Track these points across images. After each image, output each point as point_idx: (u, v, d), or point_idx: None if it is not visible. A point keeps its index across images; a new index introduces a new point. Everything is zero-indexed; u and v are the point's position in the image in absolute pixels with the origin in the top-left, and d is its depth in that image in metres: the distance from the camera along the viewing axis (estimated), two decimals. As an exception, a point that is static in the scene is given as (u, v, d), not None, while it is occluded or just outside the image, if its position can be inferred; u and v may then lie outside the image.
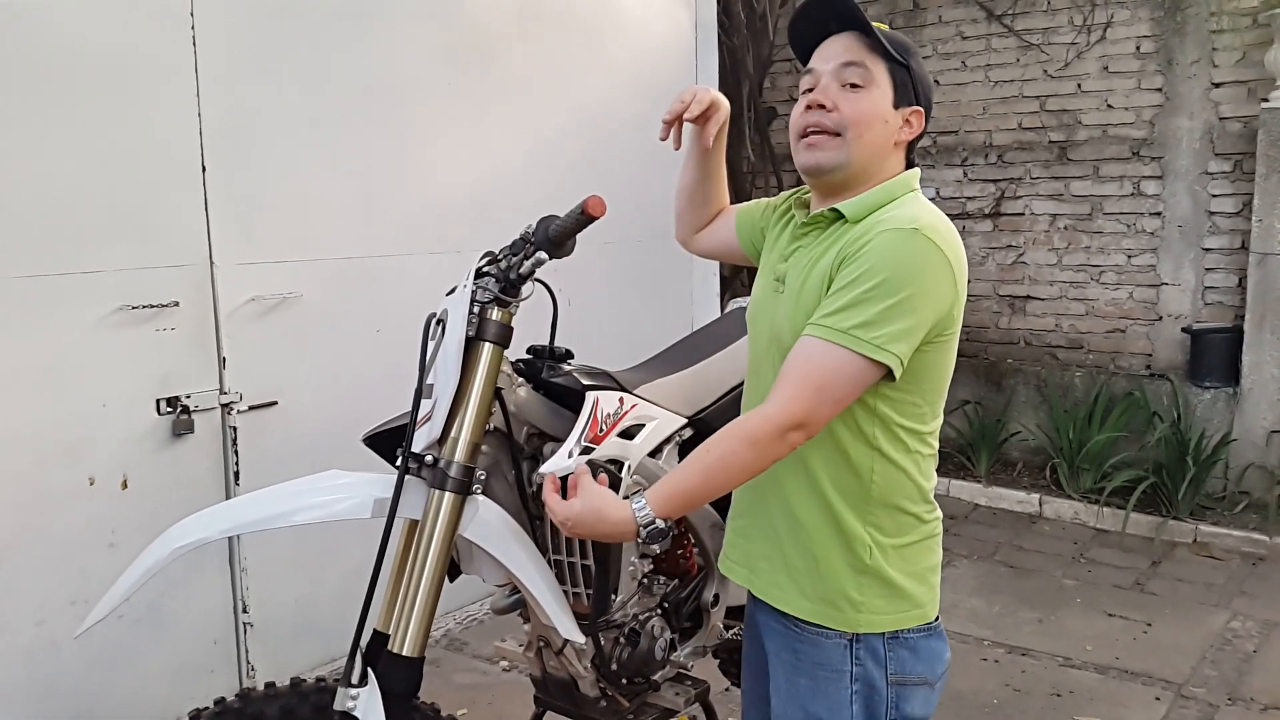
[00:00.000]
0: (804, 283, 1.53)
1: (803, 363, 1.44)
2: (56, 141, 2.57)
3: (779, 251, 1.66)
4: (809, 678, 1.57)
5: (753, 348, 1.69)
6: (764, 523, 1.62)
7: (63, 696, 2.66)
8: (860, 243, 1.46)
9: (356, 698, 1.71)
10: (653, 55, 4.35)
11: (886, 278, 1.42)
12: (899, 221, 1.46)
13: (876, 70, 1.54)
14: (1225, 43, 5.08)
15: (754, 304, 1.70)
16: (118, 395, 2.73)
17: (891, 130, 1.55)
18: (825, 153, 1.54)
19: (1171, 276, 5.33)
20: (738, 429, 1.44)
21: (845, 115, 1.52)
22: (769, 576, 1.61)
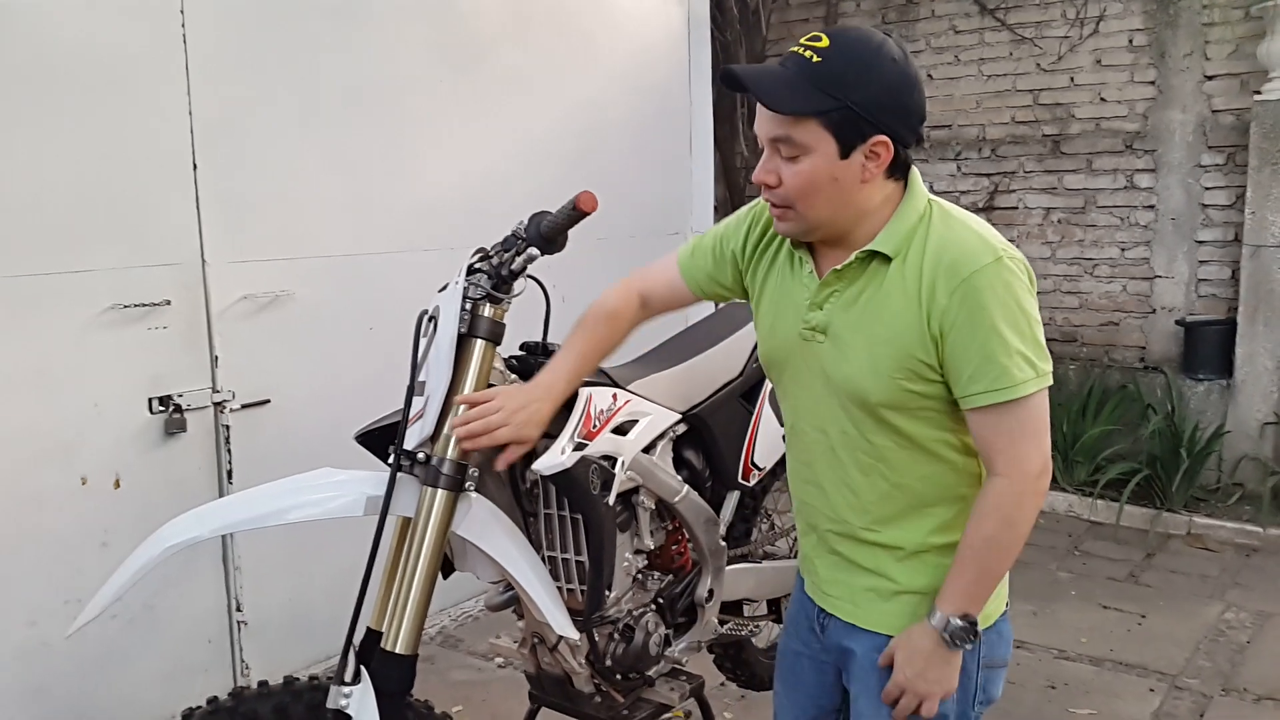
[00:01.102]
0: (871, 335, 1.49)
1: (1007, 429, 1.45)
2: (47, 140, 2.55)
3: (801, 293, 1.58)
4: None
5: (795, 397, 1.64)
6: (859, 555, 1.61)
7: (55, 696, 2.66)
8: (954, 293, 1.42)
9: (350, 696, 1.71)
10: (645, 52, 4.34)
11: (1010, 310, 1.42)
12: (974, 255, 1.44)
13: (806, 135, 1.42)
14: (1218, 35, 5.08)
15: (779, 350, 1.64)
16: (110, 394, 2.72)
17: (848, 180, 1.45)
18: (789, 224, 1.52)
19: (1165, 269, 5.34)
20: (993, 512, 1.47)
21: (788, 190, 1.47)
22: (877, 607, 1.60)
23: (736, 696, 3.10)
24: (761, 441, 2.45)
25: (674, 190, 4.51)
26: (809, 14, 6.35)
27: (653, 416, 2.12)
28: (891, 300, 1.48)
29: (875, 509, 1.57)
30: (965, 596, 1.50)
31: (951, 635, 1.48)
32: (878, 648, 1.59)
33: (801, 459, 1.66)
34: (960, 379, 1.45)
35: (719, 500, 2.42)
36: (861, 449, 1.55)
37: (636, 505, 2.15)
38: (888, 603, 1.60)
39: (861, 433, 1.54)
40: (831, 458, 1.59)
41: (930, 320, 1.44)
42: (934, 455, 1.54)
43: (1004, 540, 1.48)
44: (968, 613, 1.49)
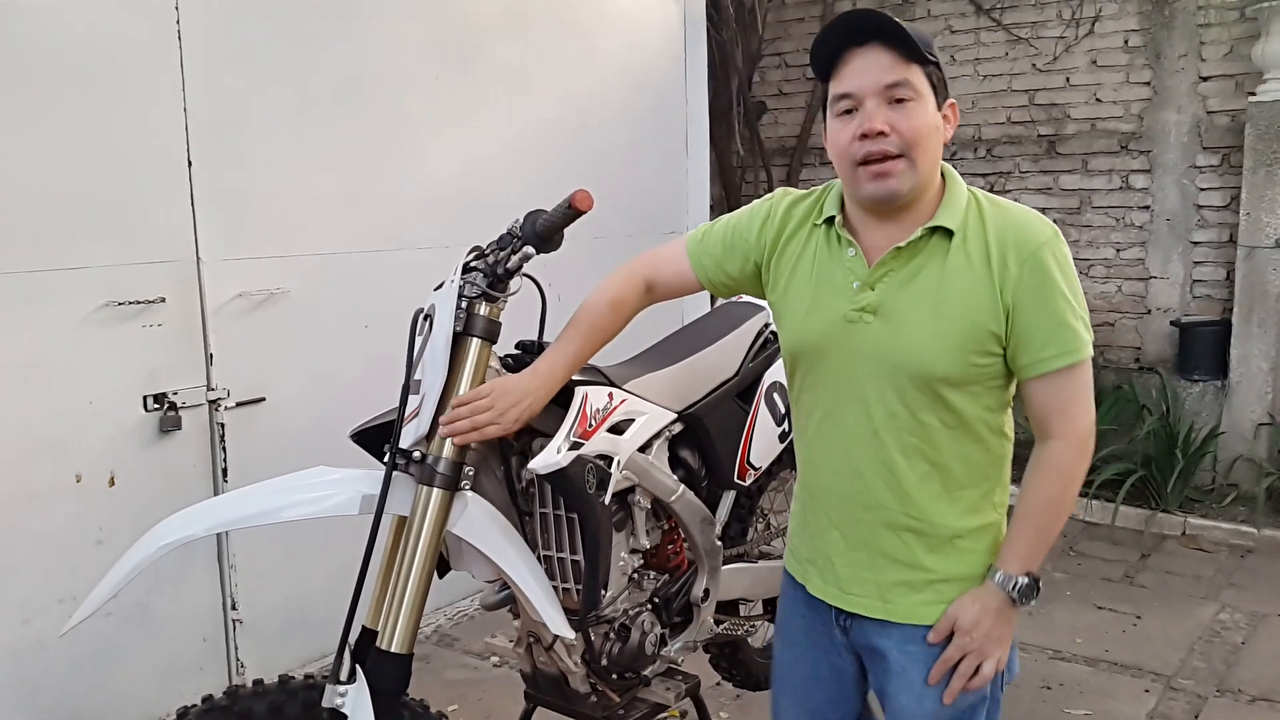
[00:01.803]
0: (937, 307, 1.52)
1: (1071, 392, 1.53)
2: (41, 137, 2.54)
3: (845, 278, 1.59)
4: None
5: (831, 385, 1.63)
6: (891, 550, 1.62)
7: (50, 695, 2.65)
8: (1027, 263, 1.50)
9: (345, 695, 1.70)
10: (641, 49, 4.34)
11: (1066, 288, 1.51)
12: (1035, 230, 1.52)
13: (918, 80, 1.50)
14: (1213, 36, 5.09)
15: (813, 339, 1.63)
16: (104, 392, 2.71)
17: (941, 134, 1.54)
18: (897, 179, 1.50)
19: (1160, 270, 5.35)
20: (1055, 476, 1.55)
21: (905, 136, 1.48)
22: (907, 599, 1.62)
23: (732, 696, 3.10)
24: (758, 441, 2.45)
25: (670, 189, 4.51)
26: (805, 13, 6.35)
27: (649, 416, 2.12)
28: (959, 276, 1.52)
29: (914, 491, 1.59)
30: (1028, 555, 1.57)
31: (1020, 592, 1.55)
32: (911, 639, 1.61)
33: (838, 446, 1.64)
34: (1033, 345, 1.51)
35: (715, 500, 2.41)
36: (907, 429, 1.57)
37: (632, 504, 2.14)
38: (920, 593, 1.61)
39: (911, 412, 1.56)
40: (873, 441, 1.59)
41: (1004, 292, 1.50)
42: (975, 435, 1.58)
43: (1063, 499, 1.56)
44: (1030, 570, 1.56)
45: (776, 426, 2.51)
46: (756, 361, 2.50)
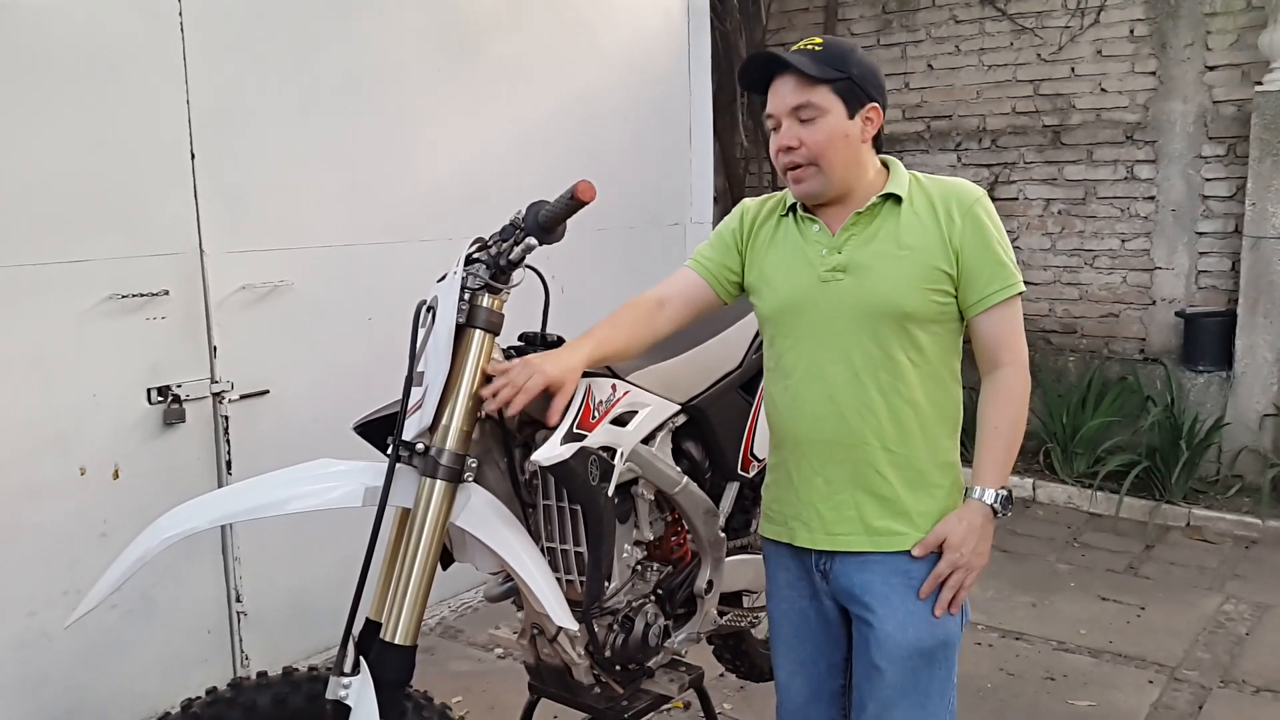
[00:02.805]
0: (898, 255, 1.78)
1: (1013, 323, 1.80)
2: (44, 130, 2.54)
3: (815, 249, 1.84)
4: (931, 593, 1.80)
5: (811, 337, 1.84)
6: (873, 486, 1.82)
7: (55, 687, 2.66)
8: (967, 214, 1.79)
9: (349, 686, 1.70)
10: (644, 41, 4.32)
11: (998, 235, 1.81)
12: (966, 191, 1.83)
13: (822, 99, 1.76)
14: (1219, 26, 5.06)
15: (792, 301, 1.85)
16: (108, 385, 2.71)
17: (855, 138, 1.80)
18: (811, 183, 1.80)
19: (1165, 260, 5.33)
20: (1011, 396, 1.80)
21: (811, 148, 1.77)
22: (888, 530, 1.82)
23: (736, 687, 3.11)
24: (761, 432, 2.44)
25: (673, 180, 4.51)
26: (809, 3, 6.34)
27: (652, 407, 2.12)
28: (911, 229, 1.80)
29: (890, 426, 1.80)
30: (1000, 471, 1.78)
31: (1000, 503, 1.77)
32: (895, 571, 1.81)
33: (821, 395, 1.83)
34: (978, 282, 1.78)
35: (718, 491, 2.41)
36: (883, 368, 1.79)
37: (636, 496, 2.14)
38: (899, 525, 1.81)
39: (885, 352, 1.79)
40: (854, 383, 1.81)
41: (951, 238, 1.78)
42: (938, 376, 1.83)
43: (1020, 417, 1.80)
44: (1004, 485, 1.78)
45: (780, 417, 2.50)
46: (759, 353, 2.49)
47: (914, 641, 1.78)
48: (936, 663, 1.81)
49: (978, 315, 1.79)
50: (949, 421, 1.85)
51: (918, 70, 5.91)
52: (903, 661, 1.79)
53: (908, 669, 1.79)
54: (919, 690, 1.80)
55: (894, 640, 1.79)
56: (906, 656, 1.79)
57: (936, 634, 1.79)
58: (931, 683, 1.81)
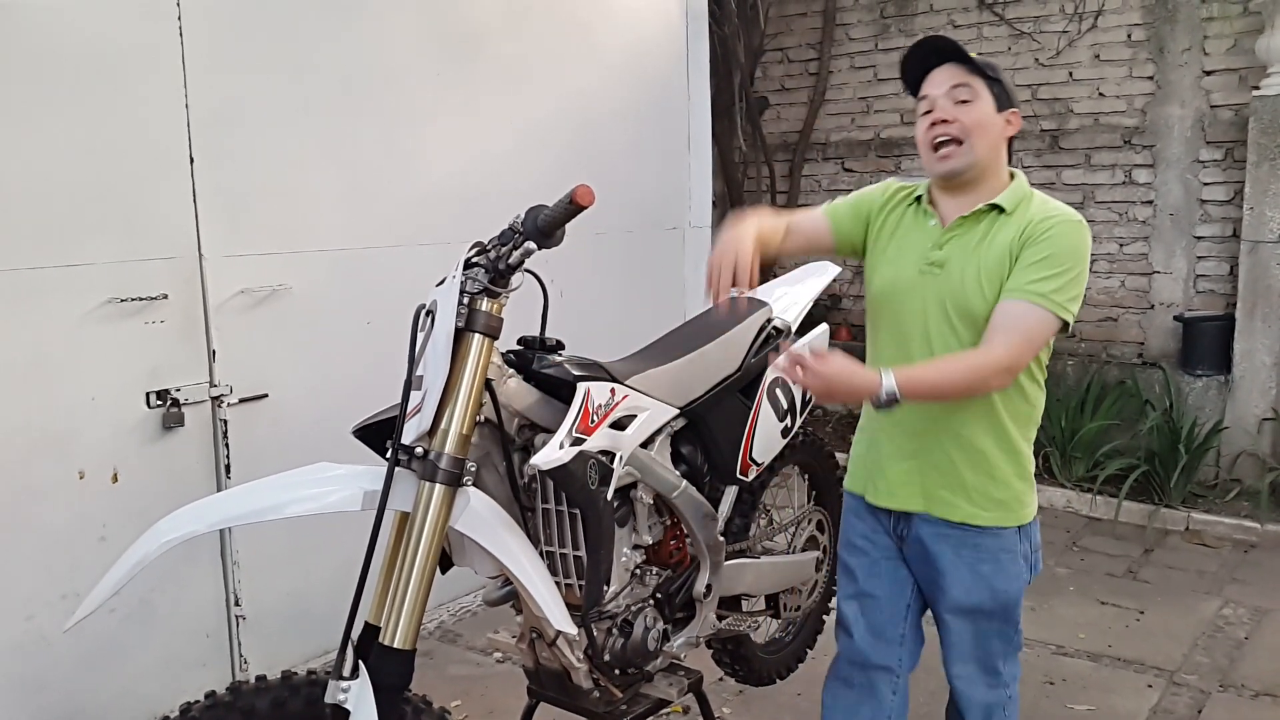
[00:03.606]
0: (980, 262, 1.96)
1: (1014, 320, 1.90)
2: (43, 134, 2.54)
3: (925, 241, 2.04)
4: (993, 564, 2.05)
5: (905, 319, 2.05)
6: (937, 459, 2.04)
7: (53, 691, 2.66)
8: (1042, 228, 1.92)
9: (347, 690, 1.70)
10: (643, 44, 4.33)
11: (1068, 257, 1.91)
12: (1066, 214, 1.95)
13: (978, 87, 1.97)
14: (1216, 30, 5.08)
15: (896, 285, 2.07)
16: (107, 388, 2.71)
17: (1000, 129, 1.99)
18: (956, 160, 1.97)
19: (1163, 265, 5.34)
20: (972, 360, 1.91)
21: (965, 124, 1.95)
22: (946, 499, 2.04)
23: (735, 691, 3.10)
24: (760, 437, 2.45)
25: (672, 184, 4.51)
26: (807, 7, 6.35)
27: (651, 411, 2.12)
28: (999, 241, 1.96)
29: (961, 411, 1.99)
30: (912, 379, 1.87)
31: (887, 395, 1.84)
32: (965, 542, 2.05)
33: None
34: (1011, 279, 1.92)
35: (717, 495, 2.42)
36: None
37: (634, 500, 2.15)
38: (955, 496, 2.04)
39: (961, 341, 1.98)
40: None
41: (1019, 244, 1.93)
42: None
43: (960, 381, 1.91)
44: (902, 389, 1.84)
45: (779, 422, 2.51)
46: (759, 357, 2.49)
47: (976, 604, 2.07)
48: (995, 617, 2.09)
49: (999, 302, 1.93)
50: (1019, 415, 2.03)
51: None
52: (966, 617, 2.09)
53: (968, 621, 2.09)
54: (983, 640, 2.11)
55: (960, 602, 2.08)
56: (969, 614, 2.08)
57: (997, 599, 2.07)
58: (993, 632, 2.10)
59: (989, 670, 2.14)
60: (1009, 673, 2.17)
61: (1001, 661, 2.14)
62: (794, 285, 2.80)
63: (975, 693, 2.14)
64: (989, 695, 2.15)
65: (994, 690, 2.15)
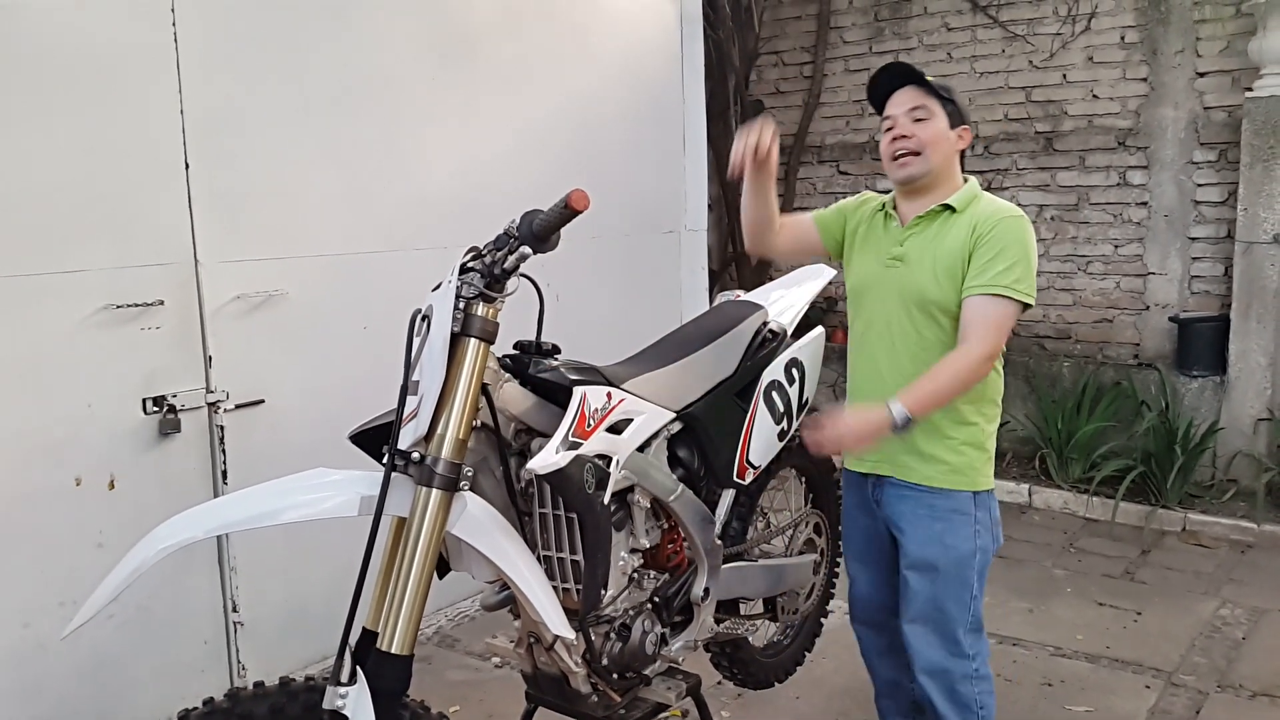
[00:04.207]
0: (935, 254, 2.24)
1: (985, 314, 2.17)
2: (38, 139, 2.54)
3: (888, 240, 2.34)
4: (944, 522, 2.31)
5: (870, 310, 2.36)
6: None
7: (50, 698, 2.65)
8: (989, 225, 2.19)
9: (346, 696, 1.70)
10: (638, 48, 4.34)
11: (1016, 250, 2.17)
12: (1007, 211, 2.23)
13: (934, 107, 2.26)
14: (1209, 32, 5.09)
15: (864, 280, 2.37)
16: (103, 395, 2.71)
17: (953, 144, 2.28)
18: (913, 168, 2.26)
19: (1158, 266, 5.35)
20: (957, 363, 2.15)
21: (922, 138, 2.25)
22: (905, 463, 2.32)
23: (734, 695, 3.10)
24: (757, 440, 2.45)
25: (667, 188, 4.51)
26: (801, 10, 6.36)
27: (647, 415, 2.12)
28: (951, 236, 2.24)
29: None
30: (916, 400, 2.13)
31: (901, 421, 2.11)
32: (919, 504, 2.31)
33: (869, 357, 2.37)
34: (970, 274, 2.19)
35: (714, 499, 2.42)
36: (914, 340, 2.27)
37: (632, 504, 2.15)
38: (914, 461, 2.30)
39: (916, 328, 2.27)
40: (892, 351, 2.31)
41: (971, 241, 2.20)
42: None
43: (958, 379, 2.16)
44: (911, 412, 2.11)
45: (775, 425, 2.51)
46: (755, 360, 2.50)
47: (930, 559, 2.30)
48: (949, 577, 2.30)
49: (963, 299, 2.20)
50: (971, 394, 2.25)
51: (911, 77, 5.93)
52: (923, 572, 2.32)
53: (927, 579, 2.32)
54: (936, 599, 2.32)
55: (914, 555, 2.32)
56: (925, 569, 2.31)
57: (948, 555, 2.30)
58: (948, 591, 2.31)
59: (947, 636, 2.32)
60: (972, 647, 2.34)
61: (961, 631, 2.32)
62: (790, 289, 2.80)
63: (932, 654, 2.33)
64: (949, 662, 2.33)
65: (956, 660, 2.33)
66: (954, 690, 2.34)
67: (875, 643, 2.61)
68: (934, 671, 2.34)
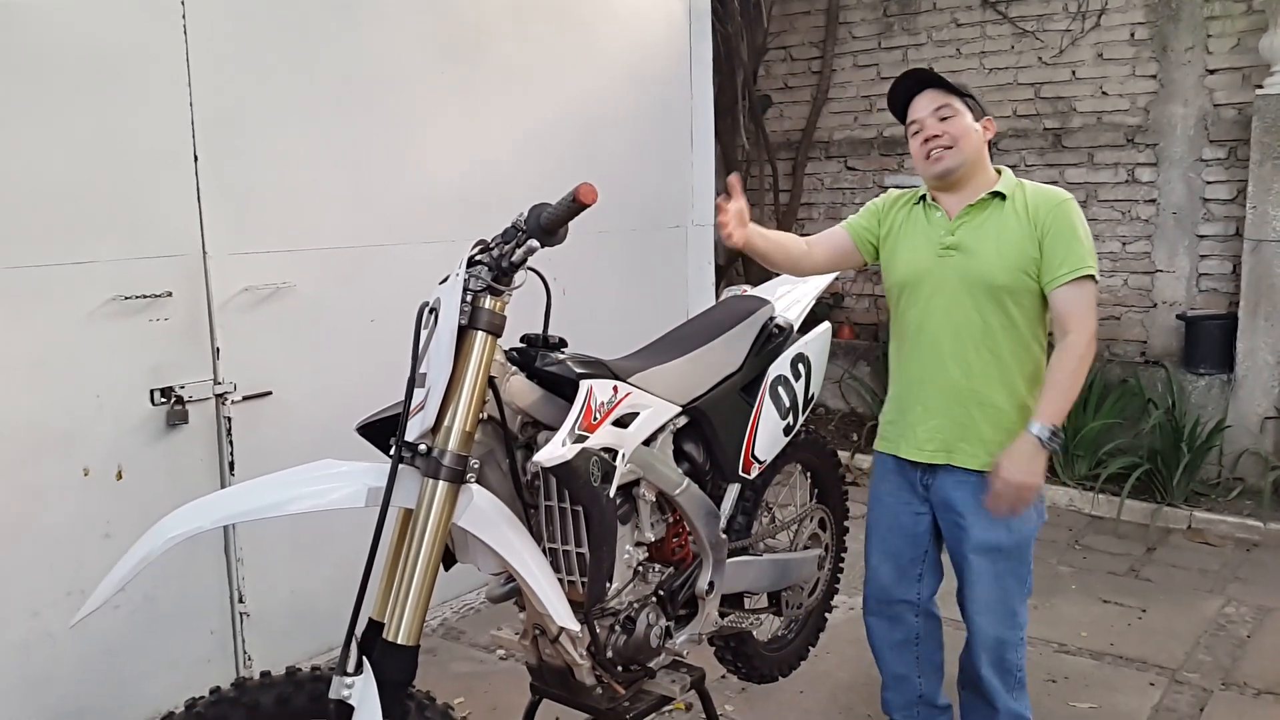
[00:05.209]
0: (997, 242, 2.31)
1: (1076, 300, 2.26)
2: (48, 132, 2.55)
3: (936, 231, 2.39)
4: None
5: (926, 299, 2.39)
6: (959, 418, 2.37)
7: (58, 687, 2.67)
8: (1050, 215, 2.29)
9: (352, 686, 1.71)
10: (646, 44, 4.33)
11: (1079, 228, 2.29)
12: (1061, 196, 2.33)
13: (957, 104, 2.35)
14: (1220, 29, 5.07)
15: (915, 271, 2.41)
16: (111, 386, 2.72)
17: (981, 135, 2.37)
18: (949, 161, 2.34)
19: (1166, 263, 5.34)
20: (1071, 356, 2.23)
21: (953, 133, 2.33)
22: (966, 450, 2.37)
23: (738, 689, 3.11)
24: (762, 434, 2.45)
25: (675, 183, 4.51)
26: (810, 6, 6.35)
27: (653, 409, 2.13)
28: (1009, 222, 2.32)
29: (980, 374, 2.34)
30: (1054, 412, 2.23)
31: (1050, 437, 2.21)
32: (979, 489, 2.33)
33: (930, 347, 2.40)
34: (1053, 265, 2.27)
35: (719, 493, 2.42)
36: (979, 329, 2.33)
37: (637, 498, 2.15)
38: (974, 448, 2.35)
39: (982, 316, 2.33)
40: (956, 338, 2.36)
41: (1036, 228, 2.29)
42: (1021, 337, 2.34)
43: (1078, 373, 2.24)
44: (1055, 425, 2.22)
45: (780, 420, 2.51)
46: (761, 355, 2.50)
47: (993, 541, 2.37)
48: (1011, 556, 2.40)
49: (1051, 291, 2.28)
50: (1027, 373, 2.35)
51: (919, 73, 5.91)
52: (985, 554, 2.39)
53: (988, 560, 2.39)
54: (1000, 577, 2.40)
55: (978, 540, 2.38)
56: (987, 551, 2.38)
57: (1012, 537, 2.37)
58: (1009, 571, 2.40)
59: (1007, 610, 2.43)
60: (1023, 616, 2.47)
61: (1018, 602, 2.44)
62: (796, 284, 2.80)
63: (992, 629, 2.43)
64: (1004, 633, 2.44)
65: (1010, 630, 2.45)
66: (1003, 660, 2.45)
67: (888, 636, 2.62)
68: (992, 646, 2.44)
